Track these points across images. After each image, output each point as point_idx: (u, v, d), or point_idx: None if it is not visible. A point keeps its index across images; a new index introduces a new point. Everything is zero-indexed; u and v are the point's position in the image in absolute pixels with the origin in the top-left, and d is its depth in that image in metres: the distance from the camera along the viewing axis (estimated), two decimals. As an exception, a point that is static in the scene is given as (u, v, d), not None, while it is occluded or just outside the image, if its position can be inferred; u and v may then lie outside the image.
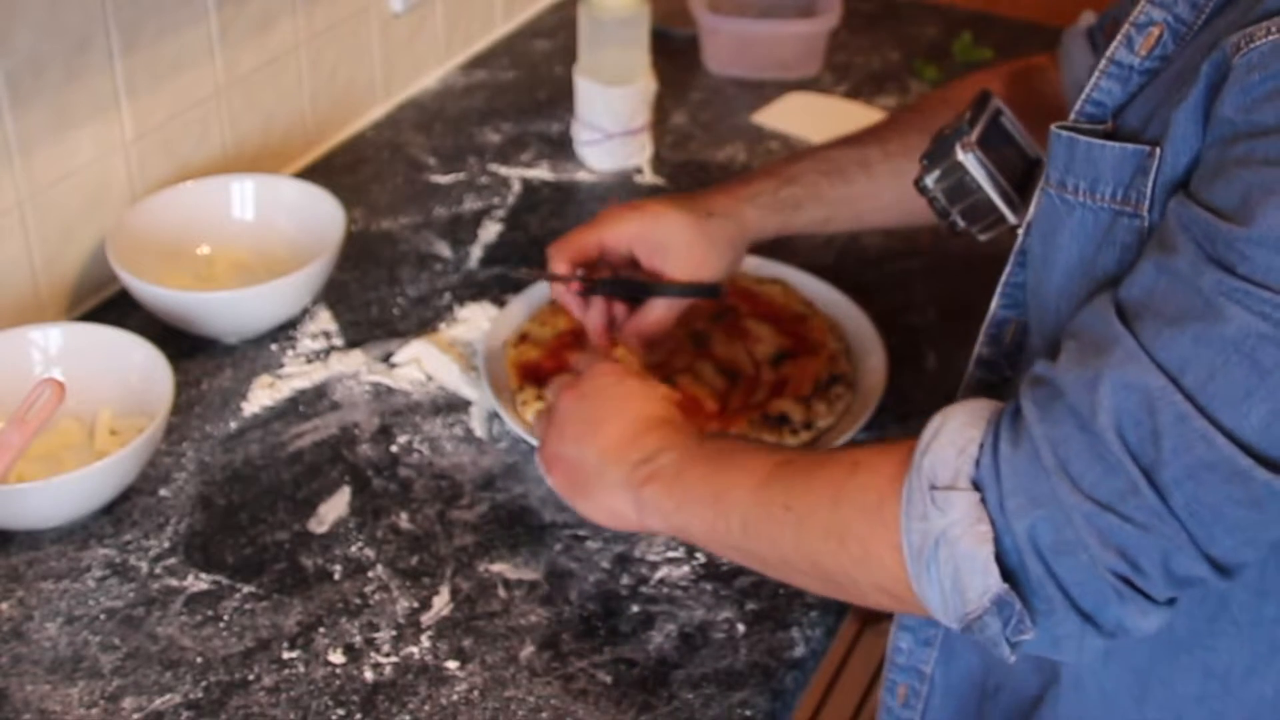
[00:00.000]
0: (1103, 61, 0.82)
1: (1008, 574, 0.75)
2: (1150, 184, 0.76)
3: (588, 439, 0.97)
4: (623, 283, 1.15)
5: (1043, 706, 0.93)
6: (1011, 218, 0.98)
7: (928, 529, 0.77)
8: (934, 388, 1.20)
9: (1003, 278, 0.92)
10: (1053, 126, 0.82)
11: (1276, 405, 0.68)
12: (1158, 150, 0.76)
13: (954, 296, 1.31)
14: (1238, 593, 0.82)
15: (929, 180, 1.02)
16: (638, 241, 1.14)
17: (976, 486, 0.76)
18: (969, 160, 0.99)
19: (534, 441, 1.11)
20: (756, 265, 1.31)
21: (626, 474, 0.94)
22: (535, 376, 1.18)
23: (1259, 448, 0.69)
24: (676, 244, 1.13)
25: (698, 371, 1.20)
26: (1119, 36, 0.81)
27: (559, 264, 1.15)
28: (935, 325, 1.29)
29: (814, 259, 1.36)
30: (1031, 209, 0.88)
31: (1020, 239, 0.90)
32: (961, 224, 1.03)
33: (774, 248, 1.39)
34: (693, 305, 1.18)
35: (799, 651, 0.98)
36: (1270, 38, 0.69)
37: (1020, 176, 0.99)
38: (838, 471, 0.83)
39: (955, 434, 0.78)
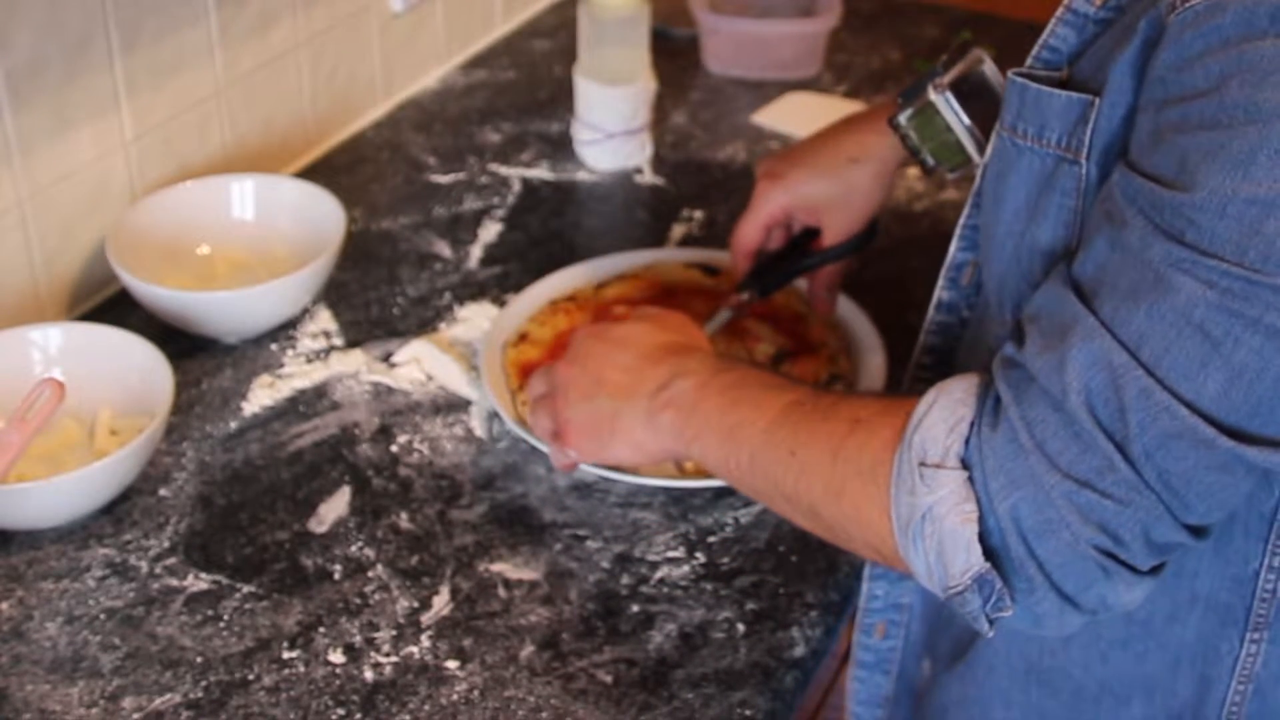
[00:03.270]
0: (1060, 9, 0.83)
1: (990, 552, 0.76)
2: (1088, 133, 0.78)
3: (595, 393, 0.99)
4: (784, 273, 1.22)
5: (980, 638, 0.95)
6: (979, 159, 1.01)
7: (915, 504, 0.78)
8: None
9: (960, 220, 0.94)
10: (1010, 72, 0.84)
11: (1231, 373, 0.70)
12: (1097, 100, 0.77)
13: (954, 296, 1.31)
14: None
15: (901, 117, 1.06)
16: (789, 211, 1.19)
17: (965, 465, 0.77)
18: (939, 100, 1.03)
19: (535, 442, 1.12)
20: None
21: (645, 403, 0.96)
22: None
23: (1218, 416, 0.71)
24: (826, 205, 1.18)
25: None
26: None
27: (744, 263, 1.22)
28: (935, 325, 1.29)
29: (814, 259, 1.36)
30: (988, 151, 0.90)
31: (977, 181, 0.92)
32: (931, 162, 1.07)
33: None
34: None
35: (799, 651, 0.98)
36: None
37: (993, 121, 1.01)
38: (839, 426, 0.84)
39: (947, 411, 0.79)
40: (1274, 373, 0.69)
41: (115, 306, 1.28)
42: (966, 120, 1.04)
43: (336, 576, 1.03)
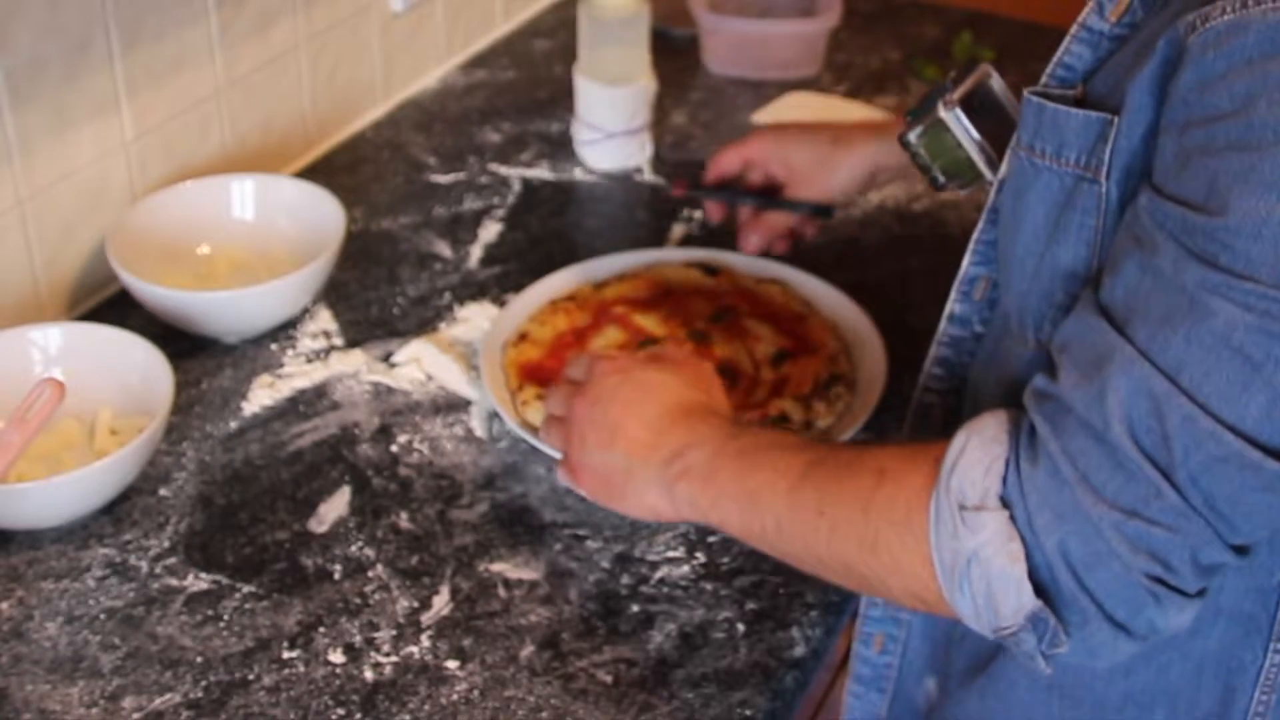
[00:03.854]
0: (1074, 26, 0.83)
1: (1040, 588, 0.76)
2: (1108, 152, 0.77)
3: (611, 443, 0.97)
4: (735, 191, 1.34)
5: (1001, 653, 0.94)
6: (989, 175, 1.01)
7: (959, 548, 0.78)
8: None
9: (974, 235, 0.93)
10: (1025, 91, 0.84)
11: (1273, 394, 0.69)
12: (1116, 119, 0.77)
13: (954, 296, 1.31)
14: None
15: (912, 135, 1.06)
16: (769, 156, 1.29)
17: (1005, 503, 0.77)
18: (949, 117, 1.03)
19: (535, 442, 1.12)
20: (758, 265, 1.31)
21: (658, 472, 0.94)
22: (535, 376, 1.18)
23: (1263, 438, 0.70)
24: (801, 162, 1.28)
25: None
26: (1091, 2, 0.82)
27: (710, 175, 1.34)
28: (935, 325, 1.28)
29: (814, 258, 1.36)
30: (1003, 168, 0.89)
31: (991, 197, 0.92)
32: (942, 179, 1.07)
33: (774, 248, 1.39)
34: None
35: (799, 651, 0.98)
36: (1226, 17, 0.69)
37: (1004, 141, 1.01)
38: (866, 479, 0.84)
39: (981, 451, 0.79)
40: None
41: (115, 306, 1.28)
42: (977, 136, 1.03)
43: (336, 576, 1.03)
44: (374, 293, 1.33)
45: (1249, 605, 0.84)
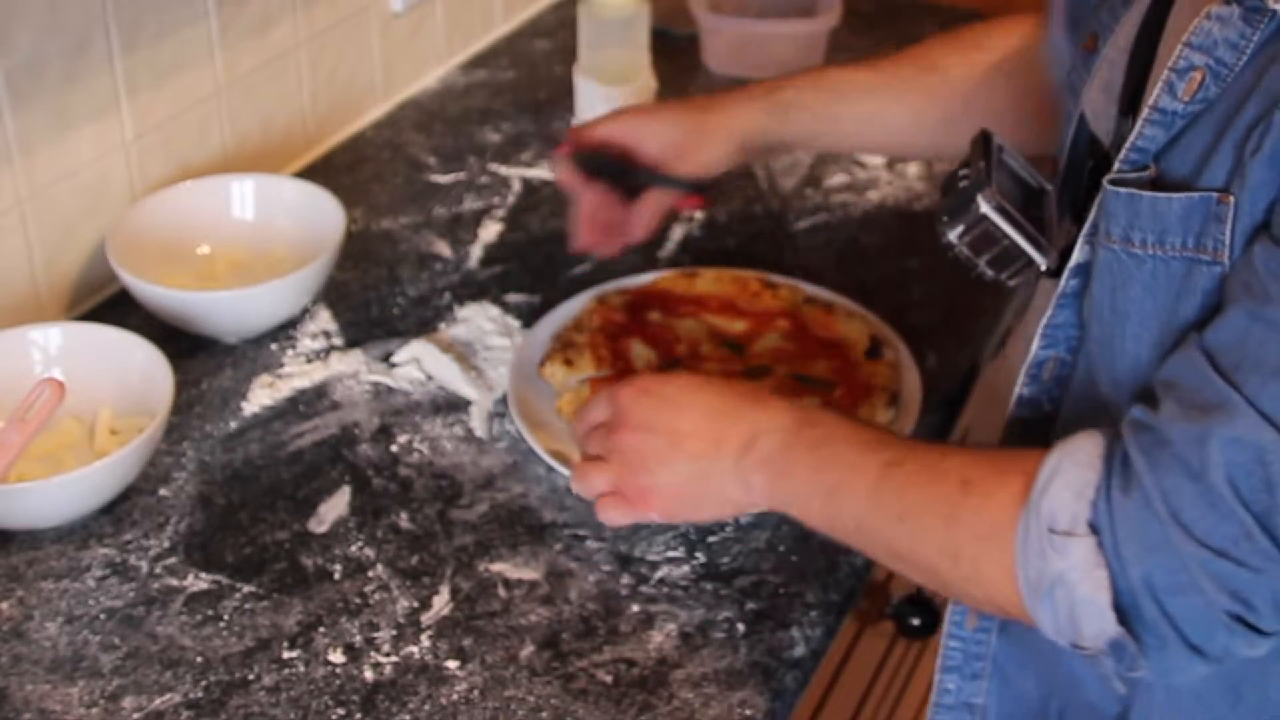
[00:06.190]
0: (1145, 110, 0.82)
1: (1120, 611, 0.77)
2: (1228, 231, 0.77)
3: (674, 455, 0.97)
4: (610, 162, 1.22)
5: (1132, 716, 0.93)
6: (1041, 262, 0.96)
7: (1045, 569, 0.79)
8: (934, 387, 1.20)
9: (1043, 320, 0.92)
10: (1106, 183, 0.83)
11: None
12: (1231, 199, 0.76)
13: (954, 296, 1.31)
14: None
15: (952, 235, 0.98)
16: (635, 133, 1.21)
17: (1093, 529, 0.78)
18: (993, 212, 0.96)
19: (531, 443, 1.12)
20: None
21: (733, 464, 0.95)
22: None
23: None
24: (671, 135, 1.20)
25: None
26: (1159, 84, 0.81)
27: (563, 148, 1.23)
28: (935, 325, 1.29)
29: (813, 259, 1.36)
30: (1075, 256, 0.88)
31: (1062, 283, 0.90)
32: (990, 274, 0.99)
33: (776, 250, 1.40)
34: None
35: (799, 651, 0.98)
36: None
37: (1033, 213, 0.98)
38: (950, 489, 0.84)
39: (1073, 476, 0.79)
40: None
41: (115, 306, 1.28)
42: (1025, 224, 0.96)
43: (336, 576, 1.03)
44: (374, 293, 1.33)
45: None
